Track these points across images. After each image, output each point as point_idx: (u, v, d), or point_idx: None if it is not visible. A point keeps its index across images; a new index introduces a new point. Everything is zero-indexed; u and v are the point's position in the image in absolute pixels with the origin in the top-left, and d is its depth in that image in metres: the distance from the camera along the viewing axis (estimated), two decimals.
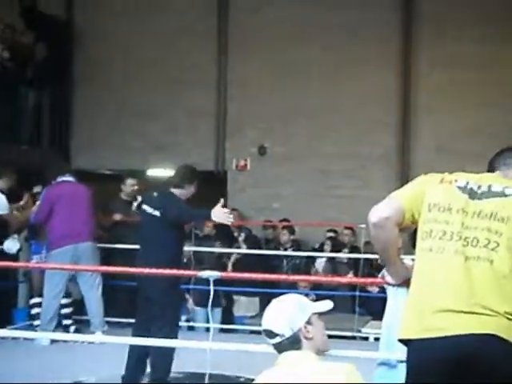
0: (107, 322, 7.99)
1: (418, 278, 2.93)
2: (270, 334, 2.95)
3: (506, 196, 2.90)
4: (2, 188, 7.85)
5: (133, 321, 6.21)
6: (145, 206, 5.98)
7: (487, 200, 2.88)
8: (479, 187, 2.94)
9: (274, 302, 3.02)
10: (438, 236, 2.89)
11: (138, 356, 5.84)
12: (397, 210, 2.99)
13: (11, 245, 7.83)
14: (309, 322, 2.94)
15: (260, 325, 3.04)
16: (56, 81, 11.11)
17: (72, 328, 8.07)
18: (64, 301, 8.21)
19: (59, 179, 7.89)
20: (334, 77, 10.62)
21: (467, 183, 2.98)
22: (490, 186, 2.94)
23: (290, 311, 2.95)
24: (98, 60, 11.44)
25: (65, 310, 8.20)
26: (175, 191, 5.89)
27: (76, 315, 8.32)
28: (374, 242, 3.10)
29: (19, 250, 7.98)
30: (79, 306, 8.71)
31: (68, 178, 7.94)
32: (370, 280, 6.33)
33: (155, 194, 6.00)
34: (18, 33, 10.65)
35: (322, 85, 10.66)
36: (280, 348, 2.95)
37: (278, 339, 2.93)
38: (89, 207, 7.78)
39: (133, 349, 5.81)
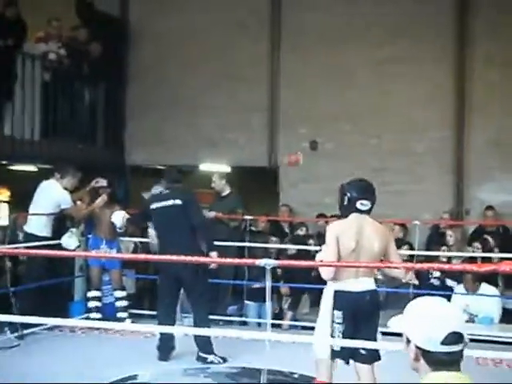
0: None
1: None
2: (459, 338, 2.45)
3: None
4: (66, 186, 8.03)
5: None
6: None
7: None
8: None
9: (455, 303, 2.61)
10: None
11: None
12: None
13: (70, 241, 7.99)
14: None
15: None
16: (110, 78, 11.24)
17: (128, 321, 8.20)
18: (119, 294, 8.37)
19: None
20: (386, 74, 10.53)
21: None
22: None
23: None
24: (152, 57, 11.55)
25: (119, 303, 8.35)
26: None
27: (130, 308, 8.48)
28: None
29: (78, 247, 8.15)
30: (134, 300, 8.89)
31: None
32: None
33: None
34: (74, 30, 10.83)
35: (375, 82, 10.59)
36: (451, 358, 2.45)
37: (461, 347, 2.47)
38: None
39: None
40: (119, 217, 8.11)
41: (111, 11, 11.63)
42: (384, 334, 5.05)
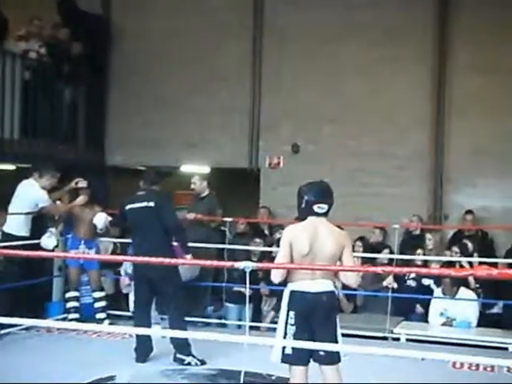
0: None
1: None
2: None
3: None
4: (45, 185, 7.98)
5: None
6: None
7: None
8: None
9: None
10: None
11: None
12: None
13: (48, 241, 7.95)
14: None
15: None
16: (92, 77, 11.20)
17: (106, 322, 8.17)
18: (97, 294, 8.32)
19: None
20: (368, 76, 10.56)
21: None
22: None
23: None
24: (134, 57, 11.53)
25: (98, 304, 8.31)
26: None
27: (108, 309, 8.45)
28: None
29: (55, 247, 8.10)
30: (113, 301, 8.86)
31: None
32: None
33: None
34: (55, 29, 10.77)
35: (356, 84, 10.63)
36: None
37: None
38: None
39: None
40: (101, 219, 8.10)
41: (93, 10, 11.58)
42: (348, 336, 5.12)
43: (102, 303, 8.32)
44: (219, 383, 6.22)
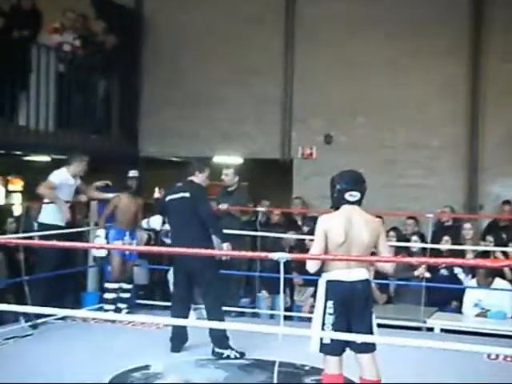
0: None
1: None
2: None
3: None
4: (76, 172, 8.01)
5: None
6: None
7: None
8: None
9: None
10: None
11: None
12: None
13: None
14: None
15: None
16: (125, 69, 11.27)
17: (124, 312, 8.12)
18: (125, 286, 8.31)
19: None
20: (400, 68, 10.52)
21: None
22: None
23: None
24: (167, 49, 11.58)
25: (123, 295, 8.29)
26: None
27: (142, 299, 8.51)
28: None
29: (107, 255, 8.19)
30: (147, 291, 8.93)
31: None
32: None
33: None
34: (90, 21, 10.85)
35: (389, 75, 10.58)
36: None
37: None
38: None
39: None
40: (158, 221, 8.04)
41: (126, 3, 11.64)
42: (381, 326, 5.12)
43: (127, 295, 8.30)
44: (253, 373, 6.24)
